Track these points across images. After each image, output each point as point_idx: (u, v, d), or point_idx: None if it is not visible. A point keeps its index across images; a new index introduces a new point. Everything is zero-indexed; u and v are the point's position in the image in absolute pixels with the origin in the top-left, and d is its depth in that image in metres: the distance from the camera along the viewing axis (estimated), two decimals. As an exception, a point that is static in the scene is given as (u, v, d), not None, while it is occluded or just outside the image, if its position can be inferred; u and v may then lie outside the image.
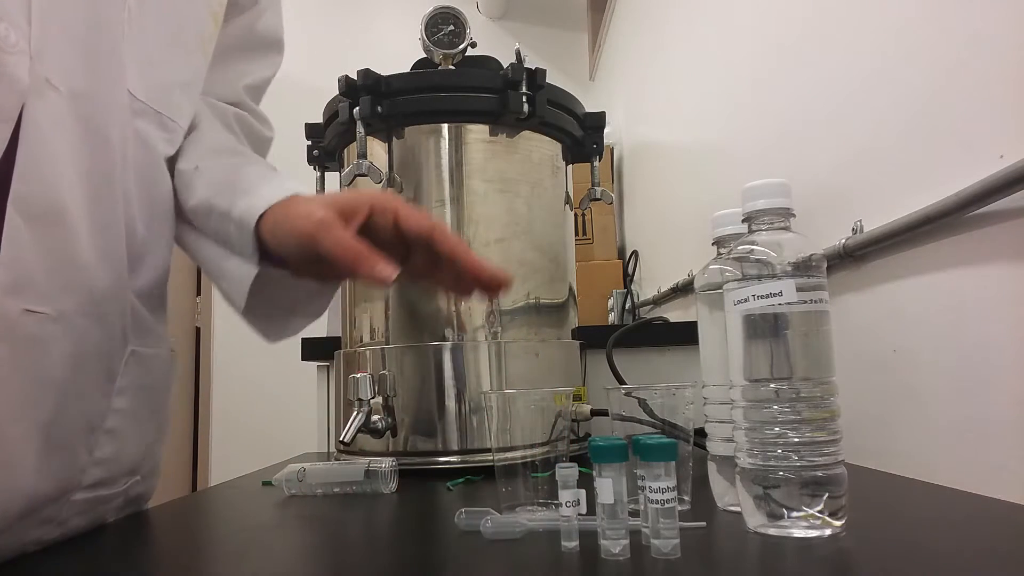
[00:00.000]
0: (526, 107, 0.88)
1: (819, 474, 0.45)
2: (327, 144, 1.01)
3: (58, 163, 0.50)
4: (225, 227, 0.59)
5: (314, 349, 1.27)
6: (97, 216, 0.53)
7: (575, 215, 1.22)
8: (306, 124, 1.06)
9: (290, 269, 0.57)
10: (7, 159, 0.47)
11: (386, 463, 0.72)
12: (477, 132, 0.91)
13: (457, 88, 0.91)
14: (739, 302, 0.49)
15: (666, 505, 0.41)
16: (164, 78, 0.61)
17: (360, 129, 0.88)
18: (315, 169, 1.05)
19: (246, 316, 0.61)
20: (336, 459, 0.82)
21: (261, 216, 0.55)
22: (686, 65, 1.71)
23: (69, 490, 0.53)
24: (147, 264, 0.60)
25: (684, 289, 1.68)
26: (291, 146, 1.10)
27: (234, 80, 0.74)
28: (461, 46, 0.96)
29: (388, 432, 0.84)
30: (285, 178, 0.60)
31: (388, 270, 0.49)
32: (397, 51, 1.51)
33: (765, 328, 0.48)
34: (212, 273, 0.63)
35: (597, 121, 1.02)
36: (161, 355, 0.63)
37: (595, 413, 0.83)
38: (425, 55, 0.98)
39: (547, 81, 0.91)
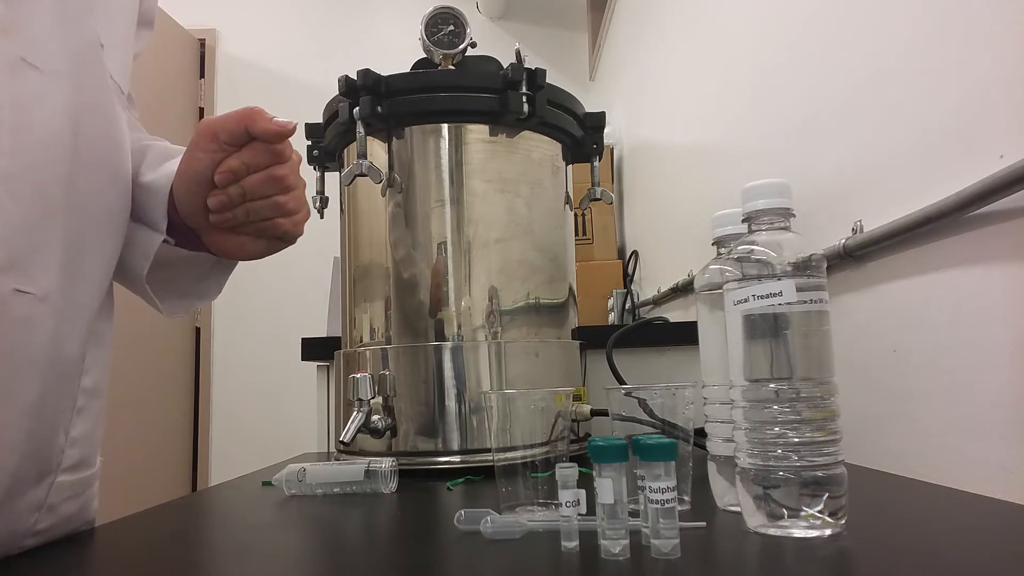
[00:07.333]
0: (526, 107, 0.88)
1: (819, 474, 0.45)
2: (327, 144, 1.01)
3: (42, 144, 0.50)
4: (136, 196, 0.62)
5: (314, 349, 1.27)
6: (73, 197, 0.53)
7: (575, 215, 1.22)
8: (306, 124, 1.06)
9: (196, 232, 0.62)
10: None
11: (386, 463, 0.72)
12: (477, 132, 0.91)
13: (457, 88, 0.91)
14: (739, 302, 0.49)
15: (666, 505, 0.41)
16: (125, 55, 0.61)
17: (360, 129, 0.88)
18: (315, 169, 1.05)
19: (148, 284, 0.64)
20: (336, 459, 0.82)
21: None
22: (686, 65, 1.71)
23: (50, 471, 0.53)
24: (107, 242, 0.60)
25: (684, 289, 1.69)
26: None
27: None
28: (461, 46, 0.96)
29: (388, 432, 0.85)
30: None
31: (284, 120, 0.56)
32: (397, 51, 1.52)
33: (765, 328, 0.48)
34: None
35: (597, 121, 1.02)
36: (109, 331, 0.62)
37: (595, 413, 0.83)
38: (425, 55, 0.98)
39: (547, 81, 0.91)
